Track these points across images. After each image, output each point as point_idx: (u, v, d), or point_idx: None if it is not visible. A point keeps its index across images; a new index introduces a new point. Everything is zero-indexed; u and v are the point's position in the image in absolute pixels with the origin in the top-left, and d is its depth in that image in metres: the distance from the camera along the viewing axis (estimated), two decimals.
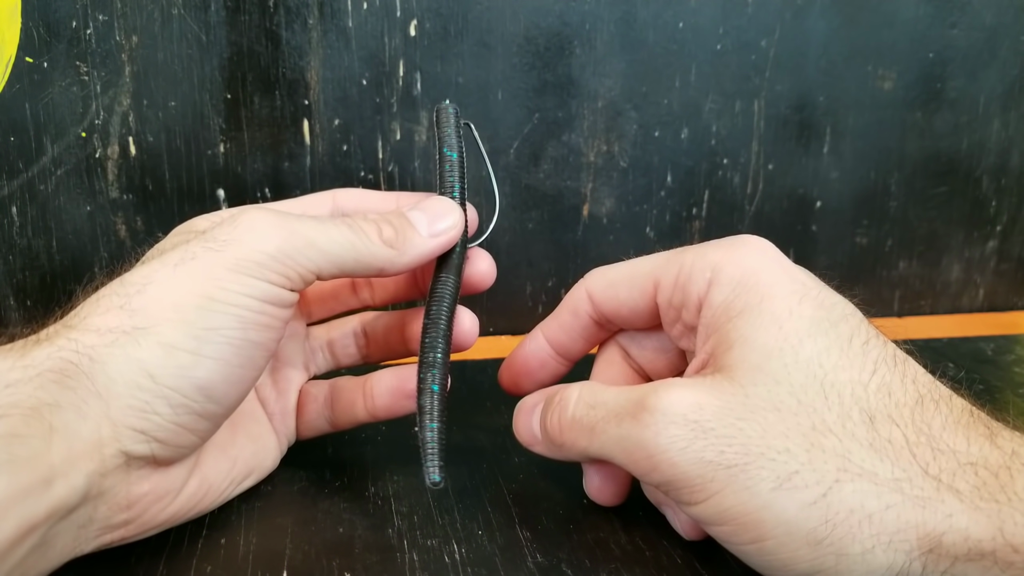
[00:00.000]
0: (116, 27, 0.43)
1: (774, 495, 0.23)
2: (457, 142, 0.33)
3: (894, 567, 0.22)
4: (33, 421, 0.23)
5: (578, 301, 0.32)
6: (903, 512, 0.22)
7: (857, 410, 0.24)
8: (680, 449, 0.24)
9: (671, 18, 0.48)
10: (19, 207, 0.45)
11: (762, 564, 0.24)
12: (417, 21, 0.46)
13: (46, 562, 0.24)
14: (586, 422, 0.27)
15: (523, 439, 0.31)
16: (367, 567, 0.28)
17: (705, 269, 0.27)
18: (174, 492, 0.28)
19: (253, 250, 0.27)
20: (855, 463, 0.23)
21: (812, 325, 0.25)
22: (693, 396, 0.24)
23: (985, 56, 0.52)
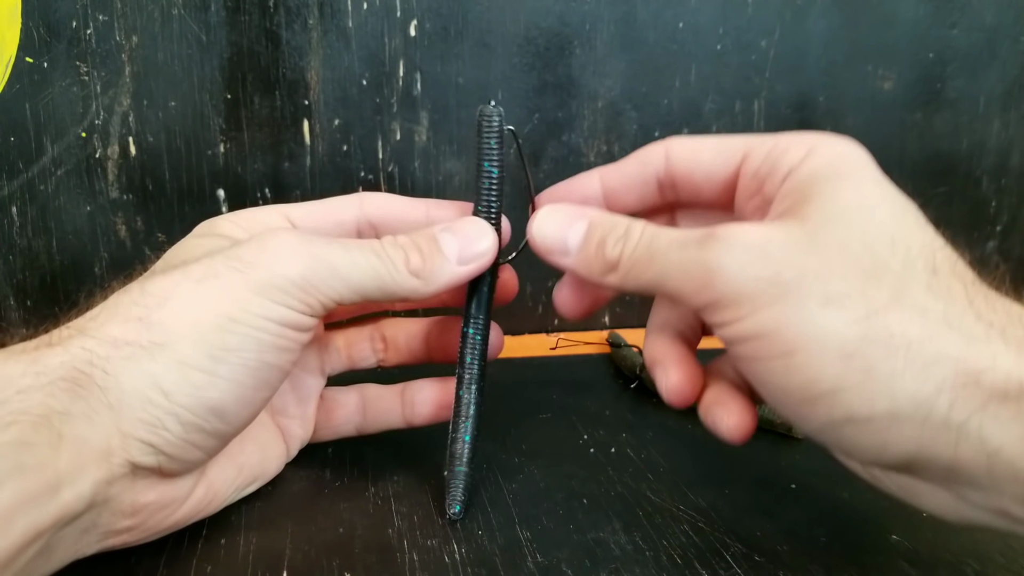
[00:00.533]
0: (116, 27, 0.43)
1: (820, 310, 0.23)
2: (499, 153, 0.31)
3: (920, 395, 0.22)
4: (42, 428, 0.23)
5: (651, 153, 0.31)
6: (946, 345, 0.22)
7: (922, 262, 0.24)
8: (740, 267, 0.24)
9: (671, 18, 0.48)
10: (19, 207, 0.45)
11: (783, 384, 0.24)
12: (417, 21, 0.46)
13: (49, 565, 0.24)
14: (649, 251, 0.27)
15: (548, 247, 0.29)
16: (367, 567, 0.28)
17: (802, 146, 0.27)
18: (179, 501, 0.28)
19: (276, 275, 0.27)
20: (908, 296, 0.23)
21: (893, 198, 0.25)
22: (762, 229, 0.24)
23: (985, 56, 0.52)
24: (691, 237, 0.26)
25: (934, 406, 0.22)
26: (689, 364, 0.29)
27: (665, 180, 0.31)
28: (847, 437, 0.23)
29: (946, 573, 0.27)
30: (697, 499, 0.32)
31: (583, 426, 0.38)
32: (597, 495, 0.32)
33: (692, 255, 0.25)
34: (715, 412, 0.28)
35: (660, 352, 0.30)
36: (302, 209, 0.33)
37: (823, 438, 0.24)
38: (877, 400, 0.22)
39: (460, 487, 0.30)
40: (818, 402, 0.23)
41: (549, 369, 0.46)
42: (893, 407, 0.22)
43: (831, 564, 0.28)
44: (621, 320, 0.54)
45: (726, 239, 0.24)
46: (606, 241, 0.28)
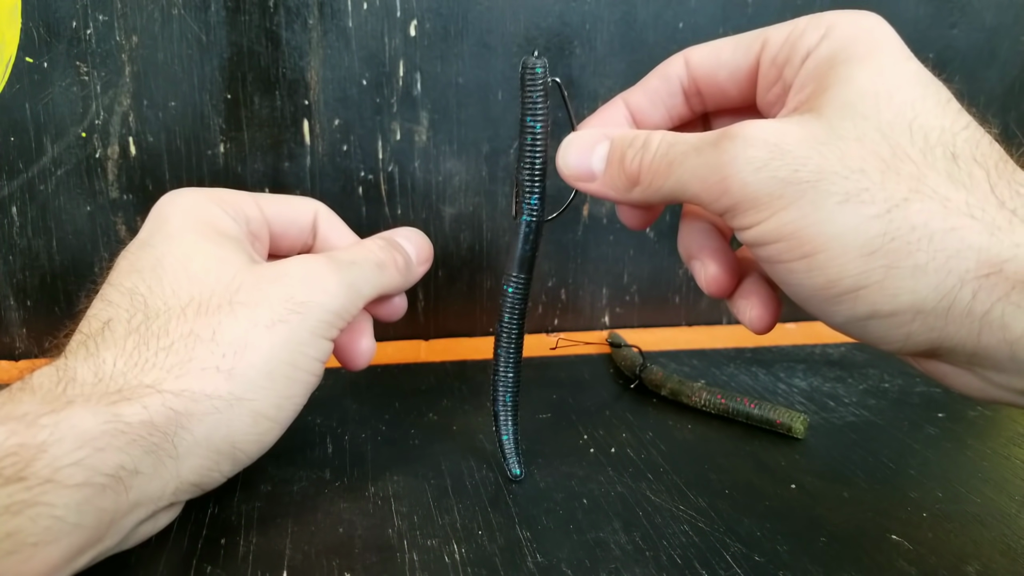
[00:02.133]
0: (116, 27, 0.43)
1: (839, 208, 0.22)
2: (543, 108, 0.29)
3: (942, 288, 0.22)
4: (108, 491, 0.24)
5: (671, 65, 0.30)
6: (968, 235, 0.22)
7: (941, 149, 0.23)
8: (755, 169, 0.23)
9: (671, 18, 0.48)
10: (19, 207, 0.45)
11: (805, 284, 0.24)
12: (417, 21, 0.46)
13: None
14: (666, 159, 0.26)
15: (574, 174, 0.29)
16: (367, 567, 0.28)
17: (820, 26, 0.26)
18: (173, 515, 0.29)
19: (326, 311, 0.30)
20: (928, 187, 0.22)
21: (913, 77, 0.24)
22: (777, 126, 0.24)
23: (985, 56, 0.52)
24: (706, 140, 0.25)
25: (957, 297, 0.22)
26: (725, 255, 0.29)
27: (690, 88, 0.30)
28: (872, 331, 0.23)
29: (946, 573, 0.27)
30: (697, 499, 0.32)
31: (583, 426, 0.38)
32: (597, 495, 0.32)
33: (707, 159, 0.25)
34: (739, 304, 0.29)
35: (696, 246, 0.29)
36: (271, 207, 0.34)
37: (848, 331, 0.24)
38: (900, 295, 0.22)
39: (513, 450, 0.33)
40: (842, 300, 0.23)
41: (549, 369, 0.46)
42: (916, 301, 0.22)
43: (831, 564, 0.28)
44: (621, 320, 0.54)
45: (739, 138, 0.24)
46: (625, 156, 0.28)
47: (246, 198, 0.33)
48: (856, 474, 0.34)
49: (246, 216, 0.32)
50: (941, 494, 0.33)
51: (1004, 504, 0.32)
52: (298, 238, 0.35)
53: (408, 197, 0.49)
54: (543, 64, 0.29)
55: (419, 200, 0.49)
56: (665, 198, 0.27)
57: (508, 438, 0.33)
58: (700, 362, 0.47)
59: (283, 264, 0.30)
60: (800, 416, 0.37)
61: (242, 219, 0.32)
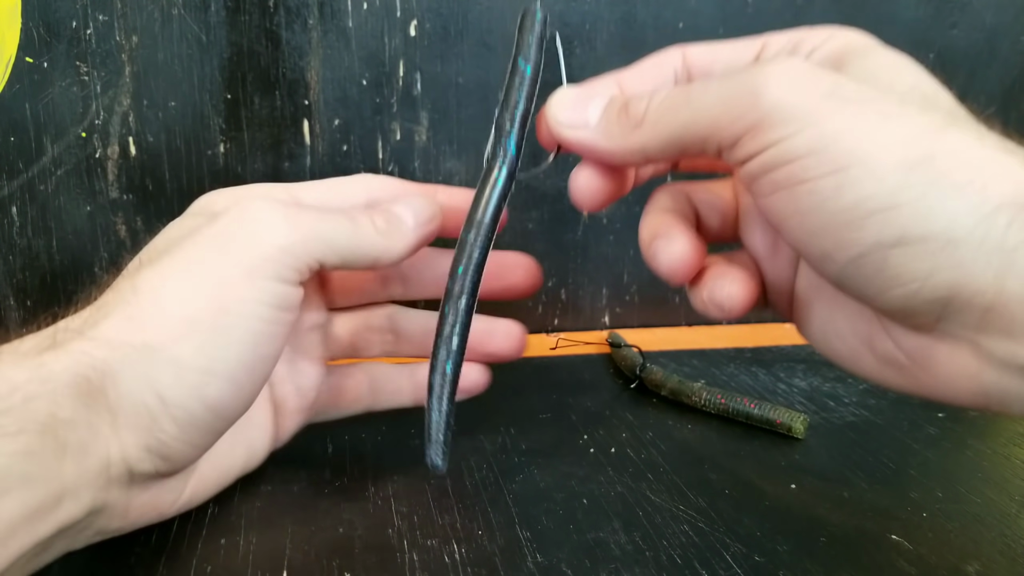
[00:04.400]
0: (116, 27, 0.43)
1: (883, 122, 0.21)
2: (536, 55, 0.28)
3: (979, 211, 0.20)
4: (47, 438, 0.22)
5: (667, 53, 0.30)
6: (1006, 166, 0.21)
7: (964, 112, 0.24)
8: (792, 82, 0.22)
9: (671, 18, 0.48)
10: (19, 207, 0.45)
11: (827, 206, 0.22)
12: (417, 21, 0.46)
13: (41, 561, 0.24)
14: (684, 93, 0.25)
15: (565, 118, 0.28)
16: (367, 567, 0.28)
17: (822, 32, 0.27)
18: (171, 501, 0.28)
19: (262, 244, 0.26)
20: (964, 125, 0.23)
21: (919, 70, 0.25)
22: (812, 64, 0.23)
23: (985, 56, 0.52)
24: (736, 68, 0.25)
25: (992, 225, 0.20)
26: (693, 236, 0.27)
27: (682, 78, 0.29)
28: (891, 264, 0.21)
29: (946, 573, 0.27)
30: (697, 499, 0.32)
31: (583, 426, 0.38)
32: (597, 495, 0.32)
33: (736, 81, 0.23)
34: (713, 284, 0.26)
35: (661, 225, 0.28)
36: (311, 190, 0.32)
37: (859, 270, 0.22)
38: (936, 217, 0.20)
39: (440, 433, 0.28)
40: (869, 221, 0.21)
41: (549, 369, 0.46)
42: (950, 224, 0.20)
43: (831, 564, 0.28)
44: (621, 320, 0.54)
45: (777, 61, 0.23)
46: (629, 104, 0.26)
47: (277, 187, 0.32)
48: (856, 474, 0.34)
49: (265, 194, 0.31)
50: (941, 494, 0.33)
51: (1004, 504, 0.32)
52: None
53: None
54: (544, 12, 0.28)
55: None
56: (670, 138, 0.25)
57: (439, 417, 0.28)
58: (700, 362, 0.47)
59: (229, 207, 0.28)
60: (800, 416, 0.38)
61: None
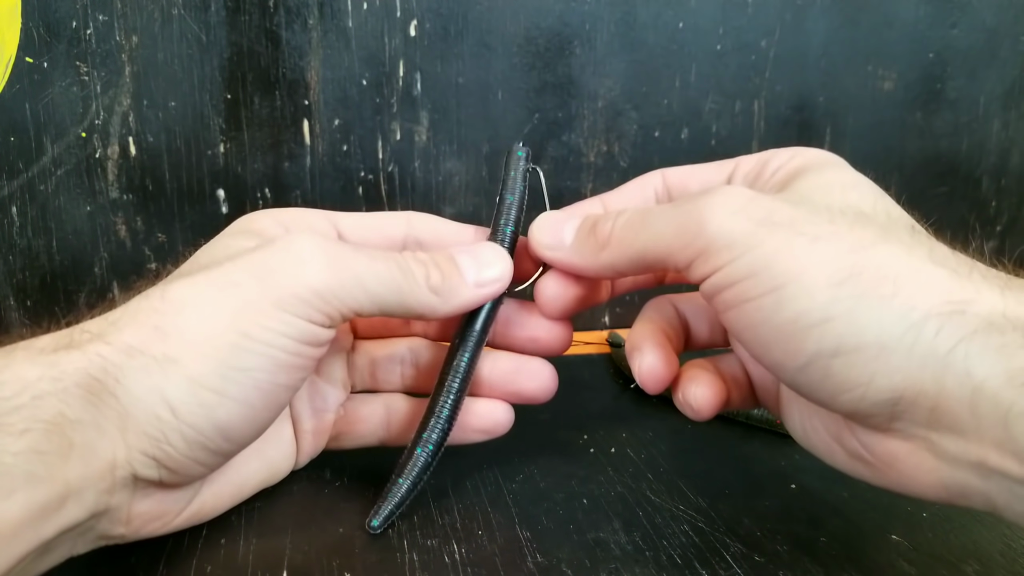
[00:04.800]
0: (116, 27, 0.43)
1: (810, 245, 0.24)
2: (520, 188, 0.32)
3: (907, 321, 0.22)
4: (54, 437, 0.22)
5: (648, 176, 0.33)
6: (932, 277, 0.23)
7: (902, 224, 0.25)
8: (732, 212, 0.25)
9: (671, 18, 0.48)
10: (19, 207, 0.45)
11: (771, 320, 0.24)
12: (417, 21, 0.46)
13: (42, 565, 0.24)
14: (642, 216, 0.28)
15: (544, 241, 0.31)
16: (367, 567, 0.28)
17: (787, 152, 0.29)
18: (175, 512, 0.28)
19: (299, 284, 0.26)
20: (893, 238, 0.24)
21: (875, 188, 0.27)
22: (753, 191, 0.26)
23: (985, 56, 0.52)
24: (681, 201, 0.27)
25: (921, 332, 0.22)
26: (666, 351, 0.29)
27: (663, 197, 0.32)
28: (834, 372, 0.23)
29: (946, 573, 0.27)
30: (697, 499, 0.32)
31: (583, 426, 0.38)
32: (597, 495, 0.32)
33: (685, 208, 0.26)
34: (685, 388, 0.29)
35: (640, 338, 0.30)
36: (351, 220, 0.32)
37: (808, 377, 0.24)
38: (867, 328, 0.22)
39: (391, 503, 0.30)
40: (808, 334, 0.23)
41: None
42: (881, 335, 0.22)
43: (831, 564, 0.28)
44: (621, 320, 0.54)
45: (717, 191, 0.25)
46: (597, 225, 0.29)
47: (314, 212, 0.32)
48: None
49: (306, 223, 0.31)
50: None
51: None
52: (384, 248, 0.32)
53: (408, 197, 0.49)
54: (527, 151, 0.32)
55: (419, 200, 0.49)
56: (633, 257, 0.28)
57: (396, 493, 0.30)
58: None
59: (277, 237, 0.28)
60: None
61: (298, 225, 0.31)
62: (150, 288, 0.27)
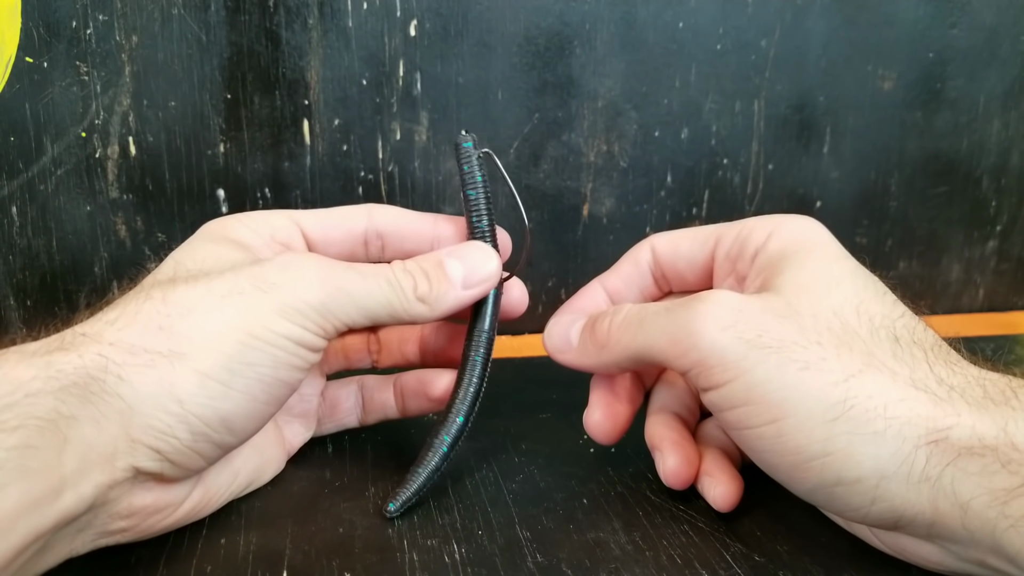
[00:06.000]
0: (116, 27, 0.43)
1: (801, 374, 0.25)
2: (479, 177, 0.32)
3: (900, 453, 0.24)
4: (48, 433, 0.23)
5: (640, 252, 0.35)
6: (916, 405, 0.24)
7: (884, 331, 0.26)
8: (722, 328, 0.26)
9: (671, 18, 0.48)
10: (19, 207, 0.45)
11: (774, 450, 0.25)
12: (417, 21, 0.46)
13: (43, 564, 0.24)
14: (635, 322, 0.29)
15: (554, 345, 0.33)
16: (367, 567, 0.28)
17: (766, 227, 0.30)
18: (174, 506, 0.28)
19: (298, 299, 0.28)
20: (878, 361, 0.25)
21: (854, 272, 0.29)
22: (742, 296, 0.27)
23: (985, 56, 0.52)
24: (677, 301, 0.28)
25: (914, 462, 0.24)
26: (685, 446, 0.31)
27: (657, 272, 0.34)
28: (838, 498, 0.25)
29: None
30: (697, 499, 0.32)
31: (583, 426, 0.38)
32: (597, 495, 0.32)
33: (677, 316, 0.27)
34: (704, 481, 0.31)
35: (658, 436, 0.32)
36: (312, 217, 0.33)
37: (815, 498, 0.26)
38: (864, 462, 0.24)
39: (411, 490, 0.31)
40: (809, 466, 0.25)
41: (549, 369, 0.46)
42: (878, 466, 0.24)
43: (831, 564, 0.28)
44: None
45: (709, 300, 0.27)
46: (596, 324, 0.31)
47: (277, 213, 0.33)
48: None
49: (270, 226, 0.32)
50: None
51: None
52: (344, 243, 0.34)
53: (408, 197, 0.49)
54: (472, 138, 0.32)
55: (419, 200, 0.49)
56: (632, 357, 0.29)
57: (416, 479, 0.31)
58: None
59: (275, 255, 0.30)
60: None
61: (264, 229, 0.32)
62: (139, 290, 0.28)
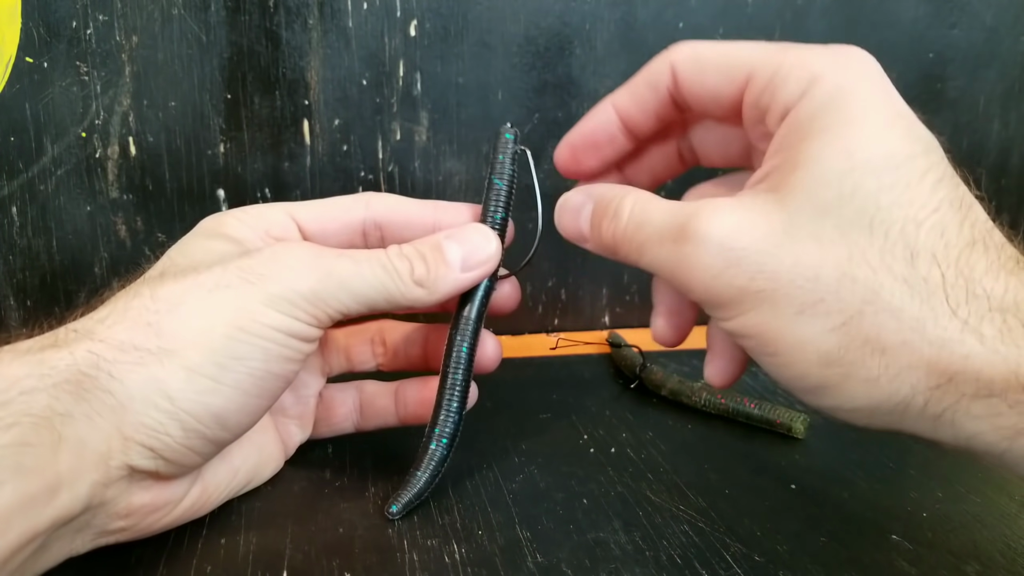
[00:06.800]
0: (116, 27, 0.43)
1: (796, 319, 0.24)
2: (509, 171, 0.32)
3: (895, 396, 0.23)
4: (43, 430, 0.23)
5: (659, 73, 0.29)
6: (918, 349, 0.23)
7: (901, 246, 0.23)
8: (713, 276, 0.25)
9: (671, 18, 0.48)
10: (19, 207, 0.45)
11: (777, 375, 0.26)
12: (417, 21, 0.46)
13: (42, 563, 0.24)
14: (635, 241, 0.27)
15: (569, 235, 0.31)
16: (367, 567, 0.28)
17: (803, 76, 0.25)
18: (173, 503, 0.28)
19: (287, 288, 0.27)
20: (883, 297, 0.23)
21: (886, 159, 0.24)
22: (734, 222, 0.24)
23: (985, 56, 0.52)
24: (668, 231, 0.26)
25: (910, 404, 0.23)
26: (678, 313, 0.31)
27: (677, 97, 0.29)
28: (839, 417, 0.25)
29: (946, 573, 0.27)
30: (697, 499, 0.32)
31: (583, 426, 0.38)
32: (597, 495, 0.32)
33: (669, 255, 0.26)
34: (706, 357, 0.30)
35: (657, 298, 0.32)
36: (308, 208, 0.33)
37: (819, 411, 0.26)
38: (858, 398, 0.24)
39: (410, 493, 0.30)
40: (808, 394, 0.25)
41: (549, 369, 0.46)
42: (872, 403, 0.24)
43: (831, 564, 0.28)
44: (621, 320, 0.54)
45: (696, 237, 0.25)
46: (602, 224, 0.29)
47: (272, 206, 0.33)
48: (856, 474, 0.34)
49: (266, 220, 0.32)
50: (941, 494, 0.33)
51: (1004, 504, 0.32)
52: (342, 234, 0.33)
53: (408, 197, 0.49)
54: (515, 133, 0.32)
55: None
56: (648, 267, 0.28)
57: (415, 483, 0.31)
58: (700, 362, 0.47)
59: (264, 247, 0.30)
60: (800, 416, 0.38)
61: (259, 223, 0.32)
62: (131, 287, 0.28)
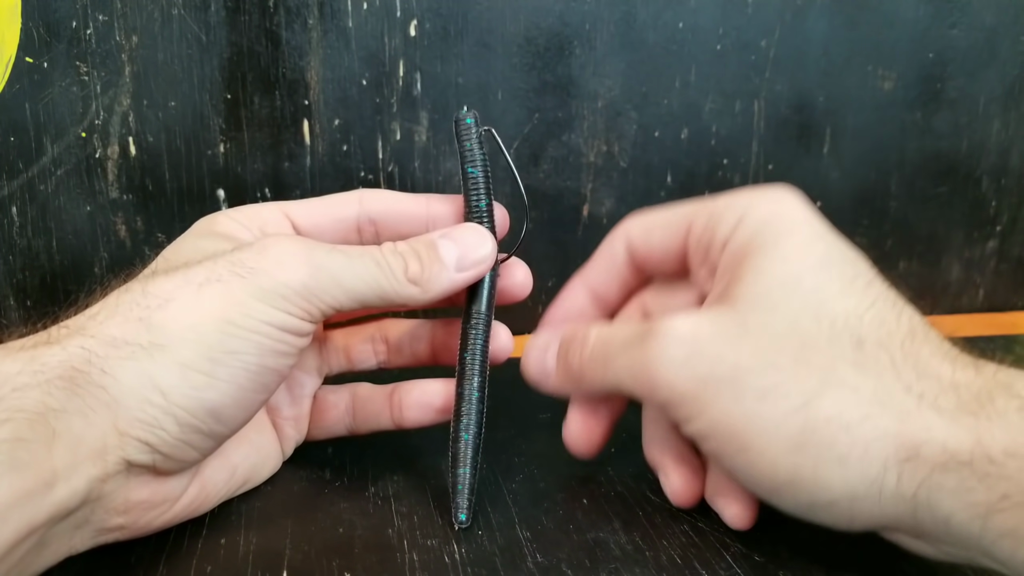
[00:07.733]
0: (116, 27, 0.43)
1: (758, 404, 0.24)
2: (480, 155, 0.31)
3: (868, 475, 0.23)
4: (37, 425, 0.23)
5: (614, 245, 0.33)
6: (881, 423, 0.23)
7: (847, 335, 0.25)
8: (677, 368, 0.25)
9: (671, 18, 0.48)
10: (19, 207, 0.45)
11: (749, 476, 0.25)
12: (417, 21, 0.46)
13: (42, 561, 0.24)
14: (601, 356, 0.29)
15: (533, 376, 0.32)
16: (367, 567, 0.28)
17: (735, 212, 0.28)
18: (172, 500, 0.28)
19: (278, 283, 0.27)
20: (838, 377, 0.24)
21: (819, 262, 0.26)
22: (693, 323, 0.26)
23: (985, 56, 0.52)
24: (633, 337, 0.27)
25: (884, 483, 0.23)
26: (686, 462, 0.31)
27: (633, 263, 0.33)
28: (819, 517, 0.25)
29: (946, 573, 0.27)
30: None
31: None
32: (597, 495, 0.32)
33: (634, 357, 0.27)
34: (718, 502, 0.30)
35: (658, 452, 0.32)
36: (302, 206, 0.33)
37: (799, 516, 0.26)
38: (833, 486, 0.24)
39: (465, 492, 0.30)
40: (783, 490, 0.25)
41: None
42: (848, 489, 0.24)
43: (831, 564, 0.28)
44: None
45: (660, 336, 0.26)
46: (568, 354, 0.30)
47: (266, 205, 0.33)
48: None
49: (260, 218, 0.32)
50: None
51: None
52: (336, 231, 0.33)
53: None
54: (474, 115, 0.31)
55: None
56: (608, 392, 0.29)
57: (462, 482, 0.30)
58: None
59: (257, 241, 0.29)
60: None
61: (253, 222, 0.32)
62: (126, 284, 0.28)
